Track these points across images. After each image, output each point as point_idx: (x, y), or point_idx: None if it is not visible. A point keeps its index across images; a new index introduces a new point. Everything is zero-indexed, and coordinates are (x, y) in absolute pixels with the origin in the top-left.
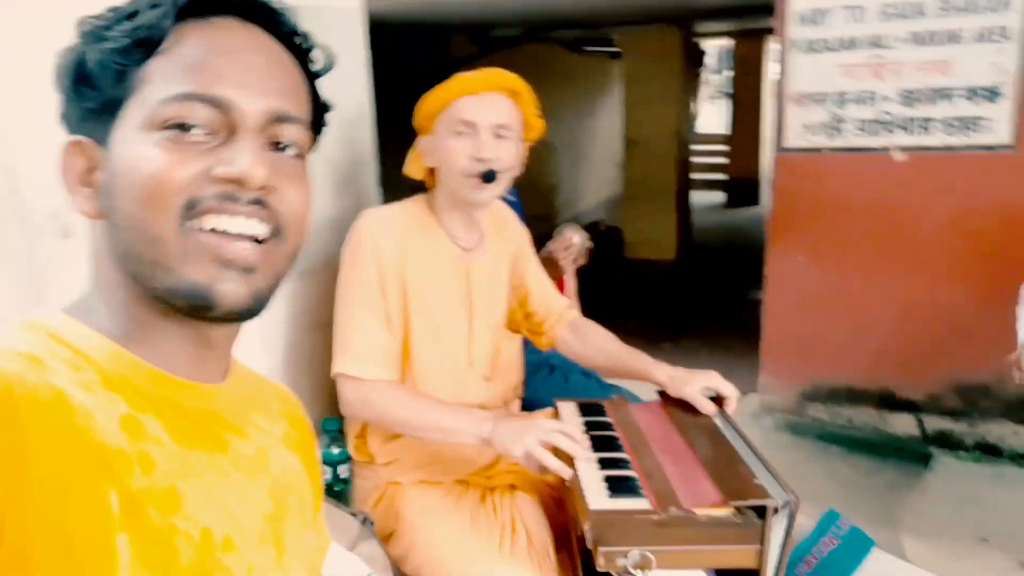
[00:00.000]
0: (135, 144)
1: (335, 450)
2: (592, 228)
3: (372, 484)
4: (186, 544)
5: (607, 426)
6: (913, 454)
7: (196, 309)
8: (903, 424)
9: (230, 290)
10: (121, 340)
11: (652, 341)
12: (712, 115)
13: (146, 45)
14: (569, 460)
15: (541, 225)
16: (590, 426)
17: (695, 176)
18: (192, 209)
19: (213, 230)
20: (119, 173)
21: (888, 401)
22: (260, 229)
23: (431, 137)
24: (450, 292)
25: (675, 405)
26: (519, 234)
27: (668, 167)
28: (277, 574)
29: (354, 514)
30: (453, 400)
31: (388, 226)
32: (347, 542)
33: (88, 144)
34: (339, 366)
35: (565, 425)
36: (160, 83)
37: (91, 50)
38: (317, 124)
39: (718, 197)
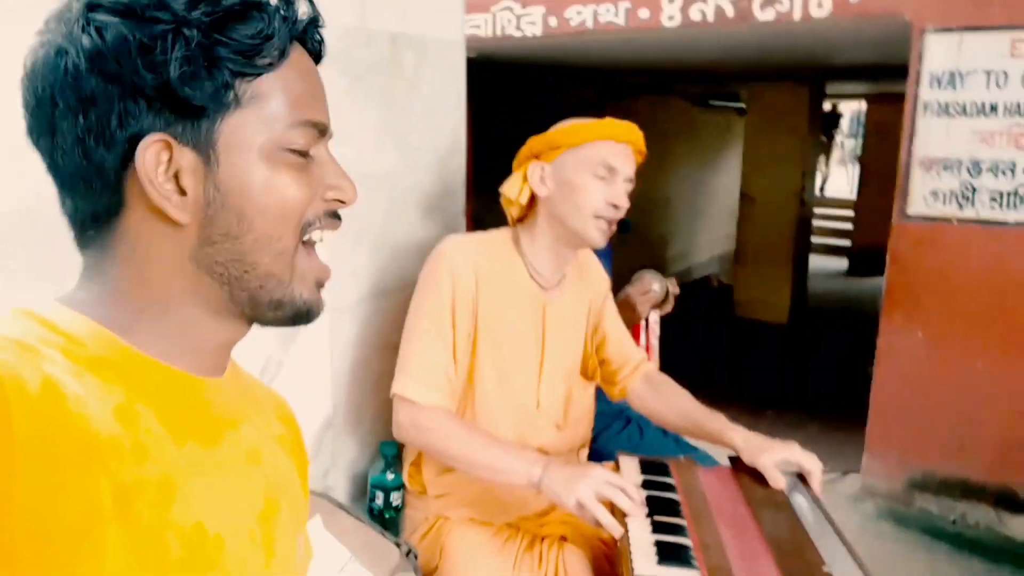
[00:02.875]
0: (266, 166)
1: (389, 476)
2: (703, 283)
3: (422, 515)
4: (177, 538)
5: (669, 487)
6: None
7: (298, 320)
8: (1023, 528)
9: (319, 304)
10: (117, 330)
11: (755, 407)
12: (843, 180)
13: (269, 59)
14: (623, 518)
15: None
16: (649, 485)
17: (817, 240)
18: (309, 228)
19: (313, 243)
20: (245, 192)
21: (1008, 500)
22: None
23: (551, 166)
24: (524, 329)
25: (748, 474)
26: (601, 280)
27: (786, 228)
28: (265, 575)
29: (398, 544)
30: (514, 442)
31: (468, 253)
32: (385, 572)
33: (174, 144)
34: (397, 386)
35: (623, 480)
36: (283, 104)
37: (209, 42)
38: None
39: (841, 264)
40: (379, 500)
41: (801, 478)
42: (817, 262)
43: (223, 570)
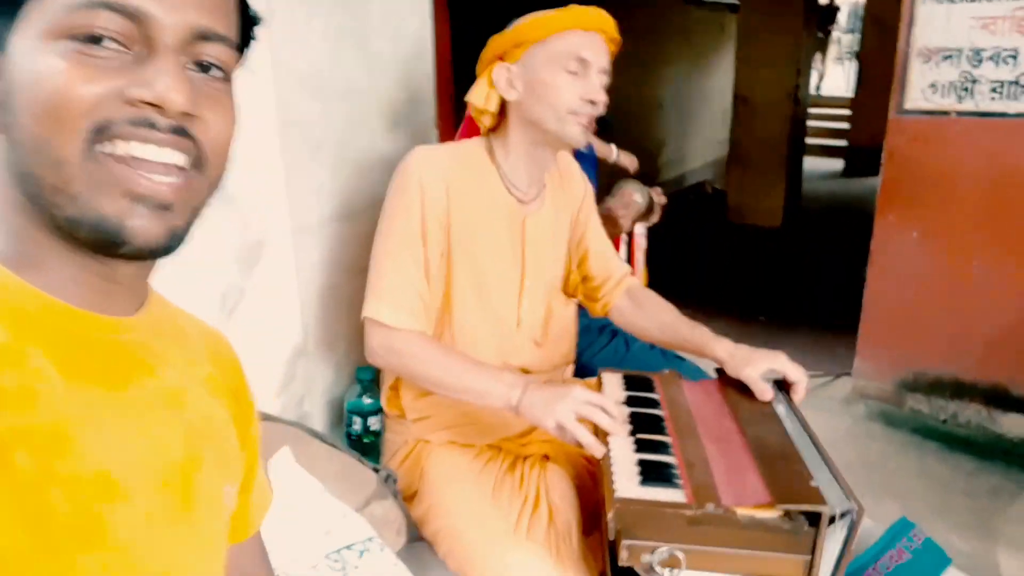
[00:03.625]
0: (37, 54)
1: (367, 400)
2: (697, 189)
3: (401, 439)
4: (65, 490)
5: (653, 403)
6: (1023, 459)
7: (103, 245)
8: (1015, 425)
9: (142, 227)
10: (12, 265)
11: (748, 312)
12: (840, 77)
13: None
14: (606, 437)
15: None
16: (633, 402)
17: (813, 141)
18: (102, 133)
19: (126, 156)
20: (18, 85)
21: (1000, 398)
22: (179, 159)
23: (518, 66)
24: (501, 245)
25: (735, 387)
26: (583, 189)
27: (779, 129)
28: (182, 527)
29: (377, 470)
30: (496, 363)
31: (438, 166)
32: (360, 499)
33: None
34: (368, 310)
35: (604, 398)
36: None
37: None
38: (245, 42)
39: (837, 165)
40: (357, 425)
41: (783, 387)
42: (813, 163)
43: (124, 523)
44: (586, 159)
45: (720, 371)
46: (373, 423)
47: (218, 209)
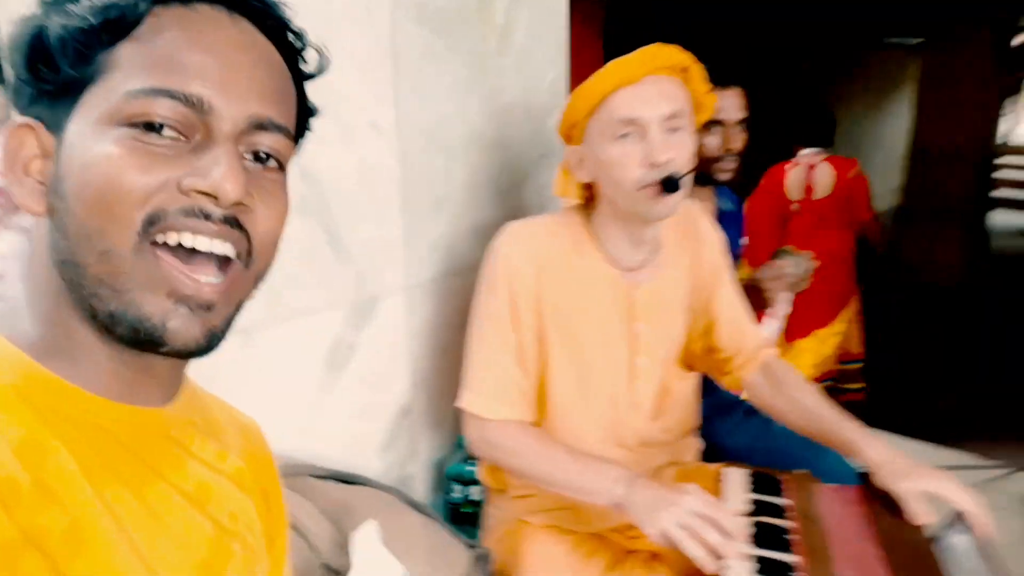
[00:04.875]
0: (94, 139)
1: (468, 467)
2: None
3: (501, 516)
4: None
5: (781, 512)
6: None
7: (140, 342)
8: None
9: (182, 328)
10: (40, 353)
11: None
12: None
13: (118, 26)
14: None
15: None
16: (758, 508)
17: (1003, 194)
18: (155, 224)
19: (179, 245)
20: (73, 169)
21: None
22: (228, 250)
23: (583, 147)
24: (605, 321)
25: (883, 501)
26: (710, 245)
27: (962, 180)
28: None
29: (472, 546)
30: (606, 445)
31: (529, 245)
32: None
33: (40, 129)
34: (462, 401)
35: (718, 507)
36: (130, 72)
37: (54, 23)
38: (300, 130)
39: None
40: (457, 493)
41: (960, 516)
42: (1005, 218)
43: None
44: (728, 216)
45: (866, 477)
46: (474, 492)
47: (334, 264)
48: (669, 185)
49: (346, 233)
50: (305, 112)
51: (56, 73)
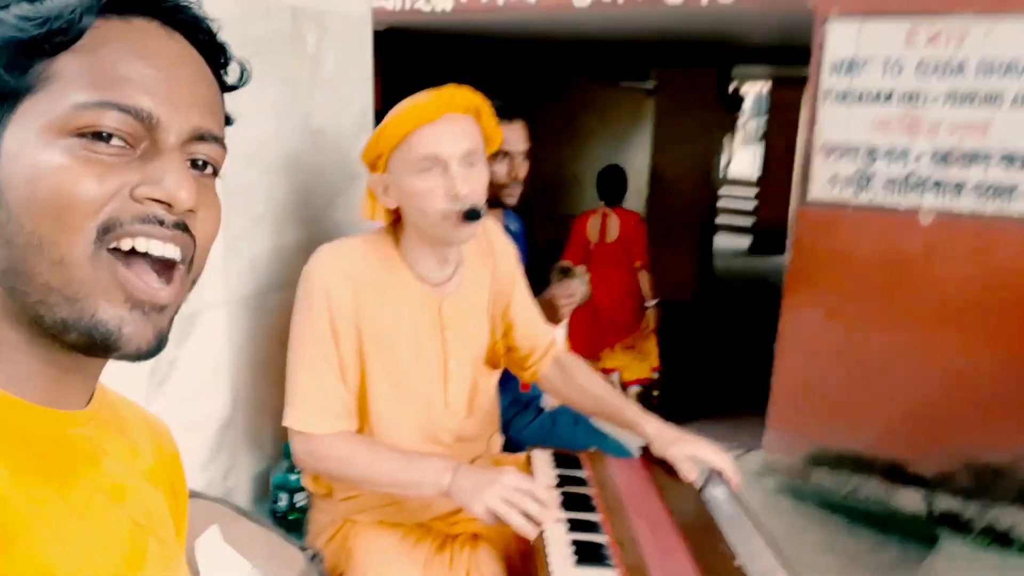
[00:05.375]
0: (40, 149)
1: (292, 476)
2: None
3: (329, 518)
4: None
5: (582, 482)
6: (919, 533)
7: (92, 348)
8: (911, 500)
9: (136, 333)
10: None
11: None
12: (746, 160)
13: (59, 38)
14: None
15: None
16: (563, 480)
17: (722, 220)
18: (110, 232)
19: (132, 251)
20: (14, 181)
21: (897, 474)
22: (177, 254)
23: (387, 176)
24: (420, 333)
25: (660, 466)
26: (505, 258)
27: (692, 207)
28: None
29: (303, 548)
30: (424, 443)
31: (341, 266)
32: None
33: None
34: (287, 419)
35: (533, 482)
36: (75, 84)
37: None
38: None
39: (744, 243)
40: (283, 502)
41: (717, 474)
42: (723, 241)
43: None
44: (515, 237)
45: (646, 449)
46: (300, 499)
47: None
48: (471, 215)
49: None
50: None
51: None
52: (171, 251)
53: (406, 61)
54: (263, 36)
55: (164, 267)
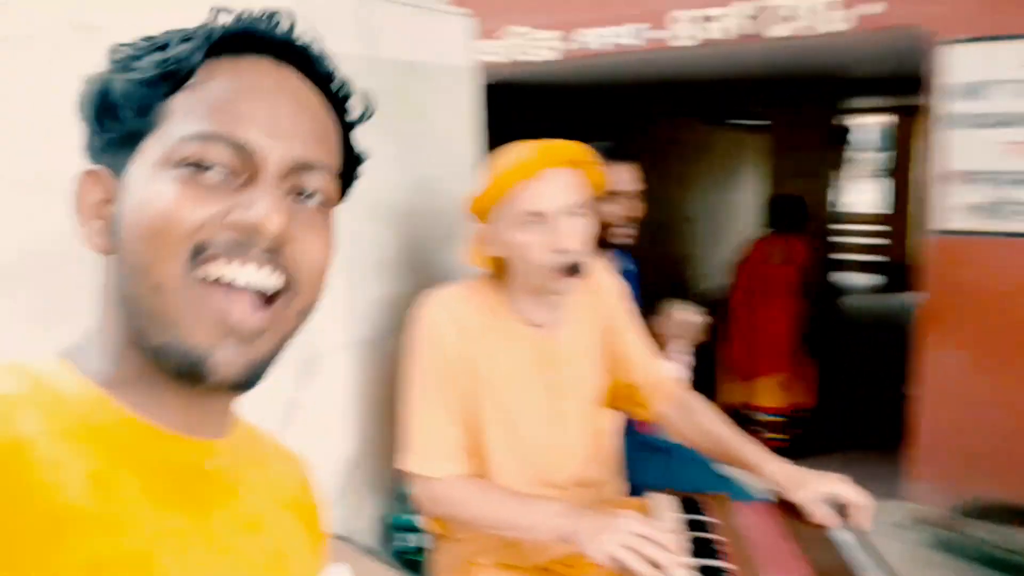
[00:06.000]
0: (150, 179)
1: (415, 517)
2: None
3: (450, 559)
4: None
5: (708, 527)
6: None
7: (186, 375)
8: None
9: (225, 361)
10: (110, 387)
11: (787, 428)
12: (873, 194)
13: (173, 79)
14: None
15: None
16: (688, 526)
17: (843, 256)
18: (201, 254)
19: (218, 280)
20: (130, 208)
21: None
22: (270, 281)
23: (490, 227)
24: (527, 377)
25: (790, 510)
26: (614, 297)
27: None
28: None
29: None
30: (540, 488)
31: (450, 311)
32: None
33: (105, 175)
34: (407, 464)
35: (655, 527)
36: (183, 120)
37: (117, 79)
38: (349, 175)
39: (877, 280)
40: (405, 542)
41: (843, 510)
42: (851, 279)
43: None
44: (630, 277)
45: (774, 494)
46: (422, 540)
47: None
48: (574, 270)
49: None
50: (354, 158)
51: (120, 124)
52: (260, 278)
53: (516, 112)
54: (373, 90)
55: (258, 295)
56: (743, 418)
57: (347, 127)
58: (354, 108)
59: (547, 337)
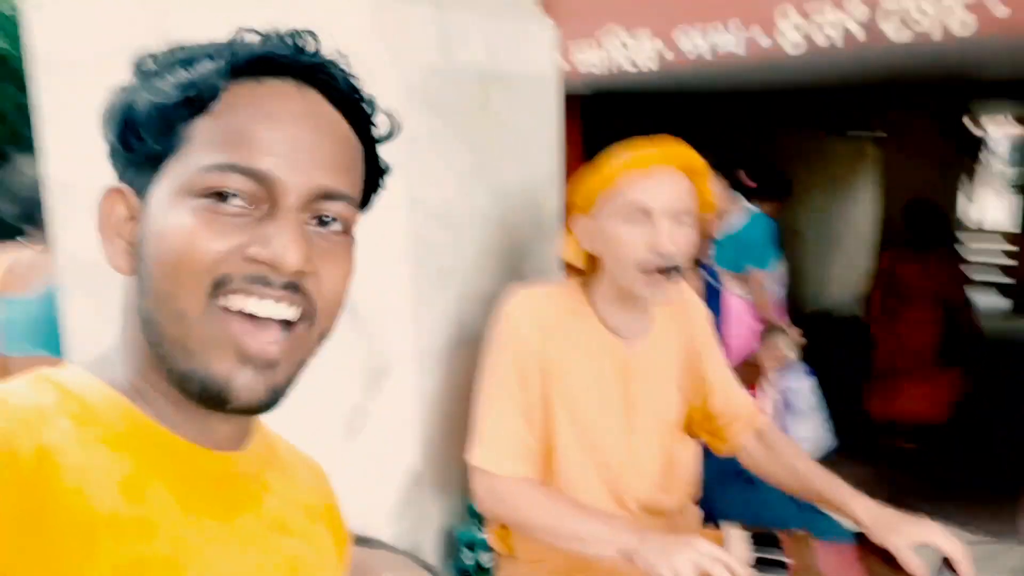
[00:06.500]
0: (170, 208)
1: (480, 534)
2: (846, 323)
3: None
4: None
5: (782, 566)
6: None
7: (208, 401)
8: None
9: (246, 386)
10: (135, 399)
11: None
12: (1005, 210)
13: (196, 103)
14: None
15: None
16: (761, 564)
17: (976, 277)
18: (221, 288)
19: (240, 312)
20: (151, 236)
21: None
22: (290, 313)
23: (590, 219)
24: (603, 385)
25: (877, 555)
26: (699, 320)
27: None
28: None
29: None
30: (608, 506)
31: (534, 309)
32: None
33: (129, 194)
34: (471, 457)
35: (727, 555)
36: (204, 147)
37: (141, 97)
38: (372, 187)
39: (1005, 302)
40: (468, 559)
41: (947, 562)
42: (979, 300)
43: None
44: (715, 293)
45: (860, 536)
46: (485, 559)
47: (347, 331)
48: (668, 272)
49: (359, 302)
50: (376, 171)
51: (142, 143)
52: (280, 311)
53: (614, 122)
54: (452, 100)
55: (278, 324)
56: (884, 427)
57: (372, 144)
58: (381, 126)
59: (629, 349)
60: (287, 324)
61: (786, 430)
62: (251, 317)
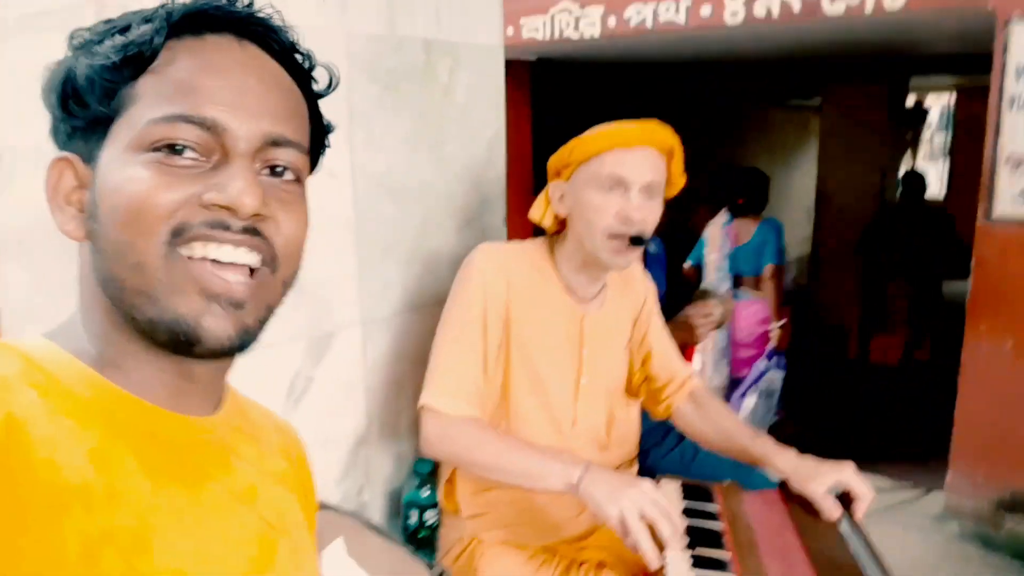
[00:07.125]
0: (122, 165)
1: (424, 493)
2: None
3: (456, 536)
4: None
5: (712, 516)
6: None
7: (178, 344)
8: None
9: (216, 325)
10: (100, 367)
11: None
12: (936, 178)
13: (136, 62)
14: (661, 546)
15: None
16: (691, 513)
17: None
18: (180, 236)
19: (203, 258)
20: (104, 194)
21: None
22: (251, 258)
23: (568, 184)
24: (559, 342)
25: (798, 501)
26: (645, 290)
27: (860, 228)
28: None
29: (430, 566)
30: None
31: (500, 262)
32: None
33: (76, 162)
34: (425, 397)
35: (668, 503)
36: (150, 103)
37: (80, 65)
38: (318, 146)
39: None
40: (413, 518)
41: (847, 501)
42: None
43: None
44: (656, 260)
45: (783, 483)
46: (430, 517)
47: (291, 300)
48: (635, 241)
49: (303, 272)
50: (321, 129)
51: (86, 110)
52: (241, 256)
53: (559, 89)
54: (396, 68)
55: (240, 268)
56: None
57: (313, 100)
58: (320, 80)
59: (585, 312)
60: (250, 271)
61: (737, 405)
62: (214, 262)
